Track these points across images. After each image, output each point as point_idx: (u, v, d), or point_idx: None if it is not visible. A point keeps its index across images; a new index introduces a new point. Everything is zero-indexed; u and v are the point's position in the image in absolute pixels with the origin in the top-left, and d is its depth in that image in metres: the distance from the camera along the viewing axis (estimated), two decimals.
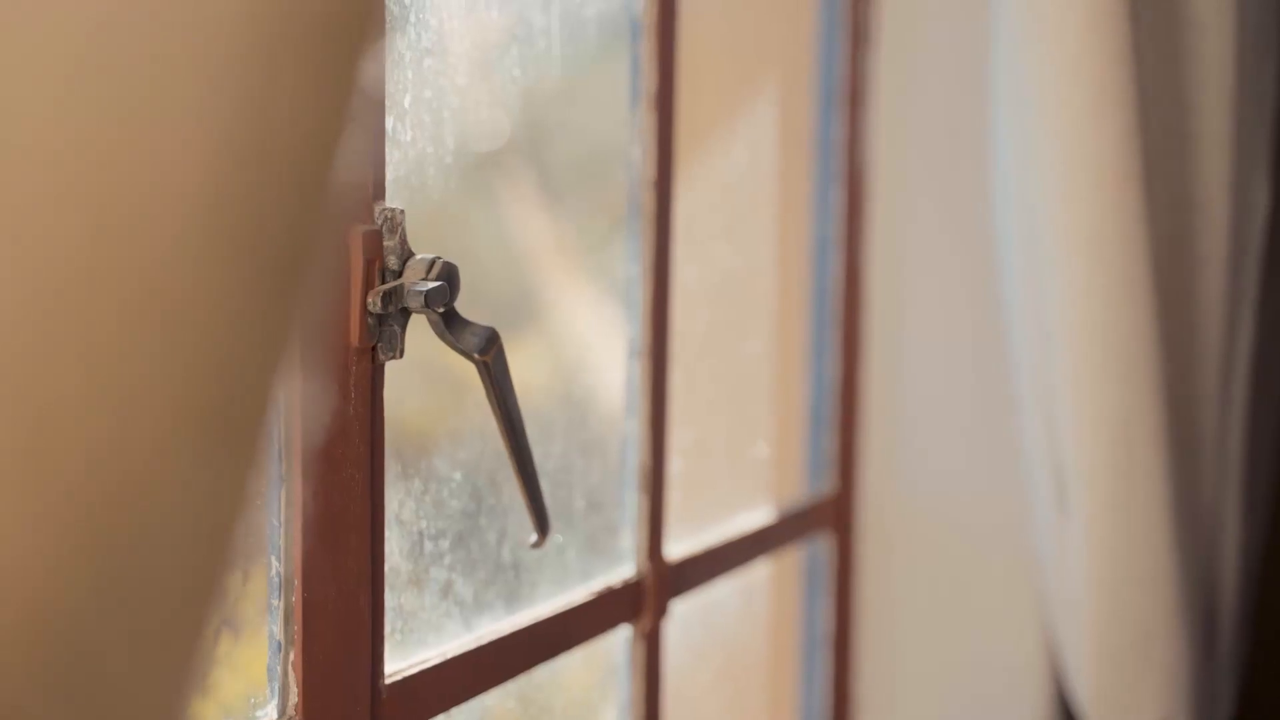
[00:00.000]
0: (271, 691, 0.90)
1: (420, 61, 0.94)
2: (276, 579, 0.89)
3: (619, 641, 1.22)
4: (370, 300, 0.90)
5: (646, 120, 1.18)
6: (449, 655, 1.01)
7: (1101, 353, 1.24)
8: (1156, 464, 1.28)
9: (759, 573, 1.51)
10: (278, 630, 0.89)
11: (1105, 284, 1.22)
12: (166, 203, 0.39)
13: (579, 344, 1.23)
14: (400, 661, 0.98)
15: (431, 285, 0.91)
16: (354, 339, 0.90)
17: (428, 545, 1.02)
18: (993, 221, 1.37)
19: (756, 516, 1.44)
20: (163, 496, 0.39)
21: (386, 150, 0.93)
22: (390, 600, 0.97)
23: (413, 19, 0.95)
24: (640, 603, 1.21)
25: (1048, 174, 1.21)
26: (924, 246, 1.53)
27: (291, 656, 0.89)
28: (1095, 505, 1.29)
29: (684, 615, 1.36)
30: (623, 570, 1.21)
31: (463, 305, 0.95)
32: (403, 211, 0.92)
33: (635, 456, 1.20)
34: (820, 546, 1.56)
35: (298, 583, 0.89)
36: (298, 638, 0.89)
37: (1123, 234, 1.21)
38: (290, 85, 0.41)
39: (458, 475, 1.03)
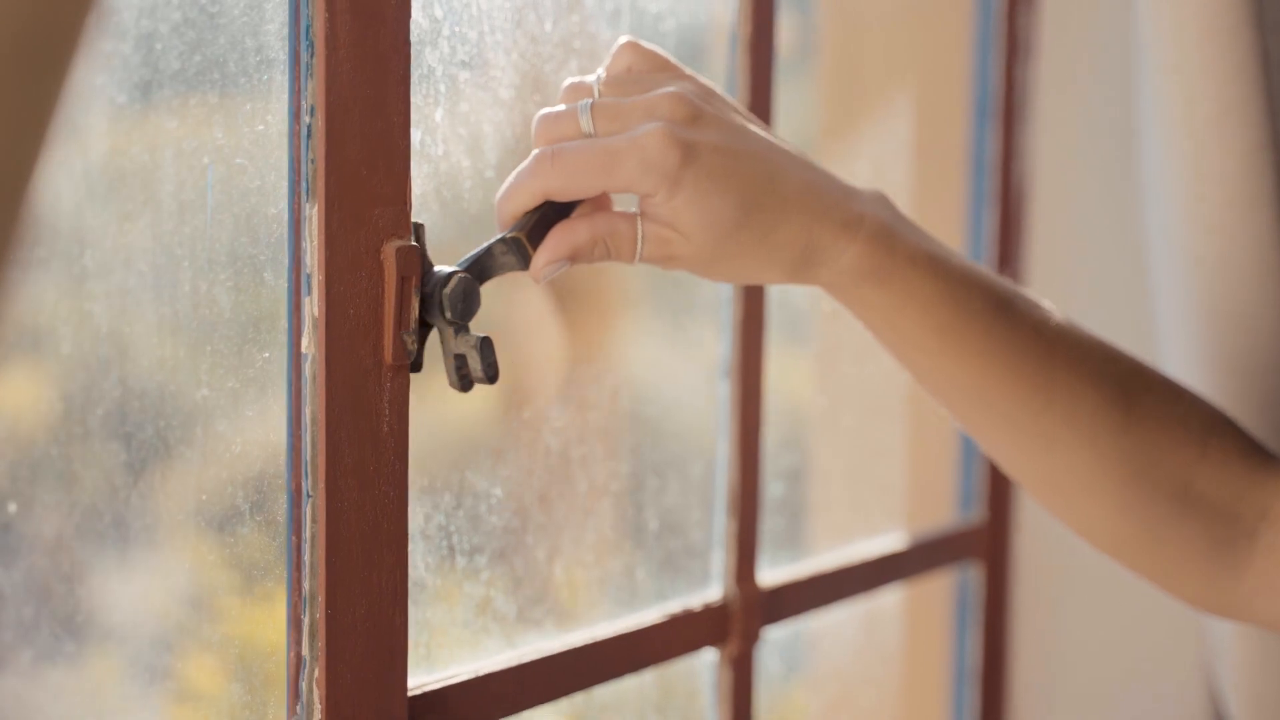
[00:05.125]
0: (295, 709, 0.90)
1: (455, 75, 0.93)
2: (303, 596, 0.89)
3: (704, 666, 1.20)
4: (409, 338, 0.89)
5: None
6: (482, 671, 0.99)
7: (1236, 385, 1.16)
8: None
9: (892, 601, 1.47)
10: (302, 647, 0.89)
11: (1236, 313, 1.15)
12: None
13: (660, 364, 1.20)
14: (426, 675, 0.97)
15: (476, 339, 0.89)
16: (388, 356, 0.90)
17: (460, 560, 1.00)
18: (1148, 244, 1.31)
19: (882, 542, 1.39)
20: None
21: (414, 164, 0.91)
22: (415, 615, 0.96)
23: (446, 32, 0.94)
24: (726, 627, 1.18)
25: (1173, 194, 1.15)
26: (1085, 268, 1.47)
27: (315, 673, 0.89)
28: None
29: (800, 642, 1.33)
30: (708, 593, 1.18)
31: (501, 323, 0.94)
32: (422, 226, 0.91)
33: (724, 478, 1.18)
34: (970, 576, 1.51)
35: (321, 599, 0.88)
36: (321, 654, 0.89)
37: (1254, 258, 1.13)
38: None
39: (498, 491, 1.02)
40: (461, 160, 0.95)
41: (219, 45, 0.83)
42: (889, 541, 1.40)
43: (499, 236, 0.89)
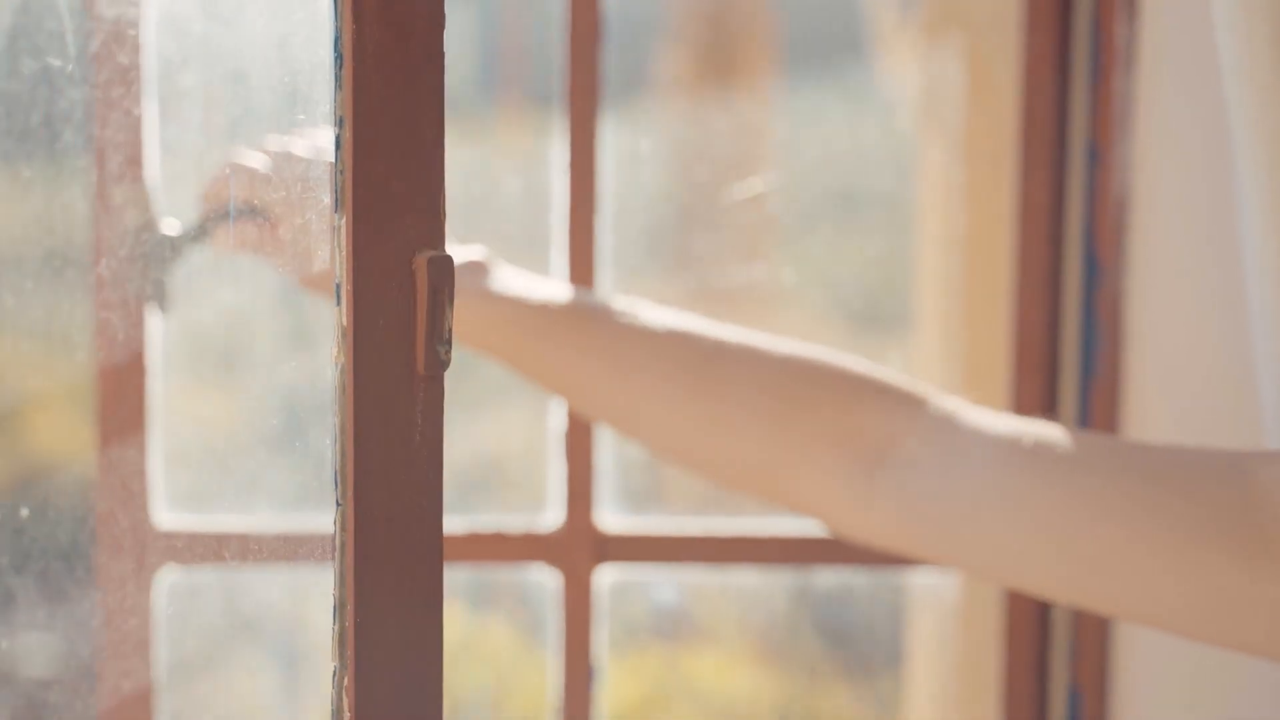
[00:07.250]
0: (329, 715, 0.90)
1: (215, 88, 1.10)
2: (333, 604, 0.90)
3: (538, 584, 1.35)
4: (443, 349, 0.90)
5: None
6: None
7: None
8: None
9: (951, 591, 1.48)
10: (332, 655, 0.90)
11: None
12: None
13: None
14: None
15: None
16: (420, 366, 0.90)
17: None
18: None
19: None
20: None
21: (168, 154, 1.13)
22: None
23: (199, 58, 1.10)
24: (554, 552, 1.32)
25: (1254, 201, 1.11)
26: (1188, 279, 1.43)
27: (345, 681, 0.90)
28: None
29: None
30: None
31: None
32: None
33: (562, 422, 1.31)
34: None
35: (350, 607, 0.89)
36: (350, 662, 0.89)
37: None
38: None
39: None
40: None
41: None
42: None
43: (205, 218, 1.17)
